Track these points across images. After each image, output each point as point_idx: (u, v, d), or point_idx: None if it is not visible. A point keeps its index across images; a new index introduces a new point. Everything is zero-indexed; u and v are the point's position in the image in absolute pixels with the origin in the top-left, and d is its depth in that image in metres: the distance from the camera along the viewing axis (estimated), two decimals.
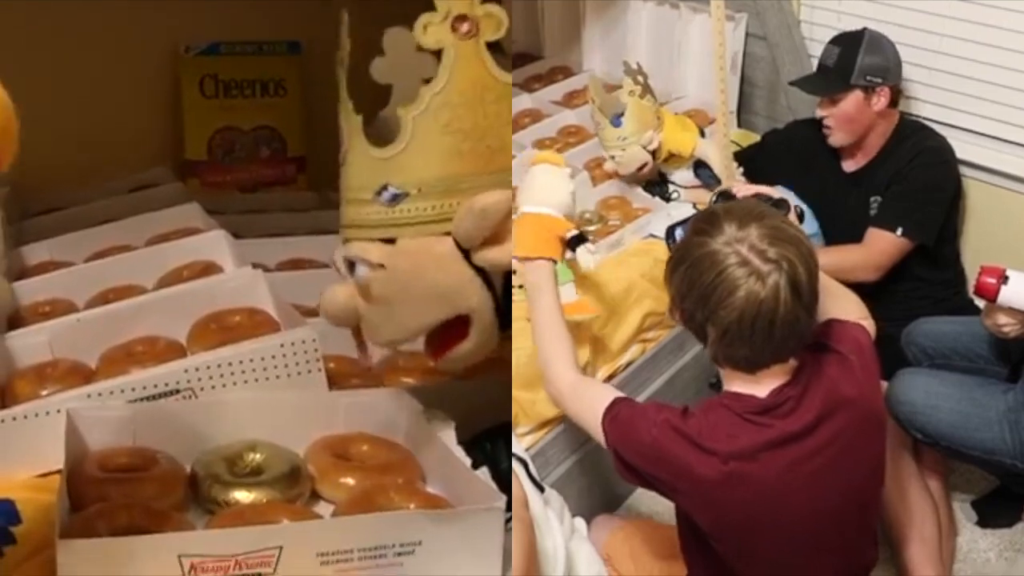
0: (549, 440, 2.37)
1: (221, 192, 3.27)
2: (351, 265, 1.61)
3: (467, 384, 1.94)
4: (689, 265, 1.63)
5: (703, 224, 1.65)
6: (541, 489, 1.91)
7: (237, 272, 2.19)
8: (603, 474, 2.44)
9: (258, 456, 1.73)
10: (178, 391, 1.81)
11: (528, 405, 2.26)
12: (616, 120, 2.70)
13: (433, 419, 1.76)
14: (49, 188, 3.05)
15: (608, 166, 2.80)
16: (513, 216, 1.62)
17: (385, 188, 1.57)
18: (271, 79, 3.36)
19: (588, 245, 2.11)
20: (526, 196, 2.07)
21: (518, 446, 1.92)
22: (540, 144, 3.08)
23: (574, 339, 2.18)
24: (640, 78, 2.68)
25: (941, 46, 2.84)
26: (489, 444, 1.75)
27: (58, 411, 1.73)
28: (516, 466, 1.76)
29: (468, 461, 1.63)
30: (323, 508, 1.69)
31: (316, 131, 3.40)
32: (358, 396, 1.87)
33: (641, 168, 2.75)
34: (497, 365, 1.81)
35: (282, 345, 1.84)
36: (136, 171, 3.11)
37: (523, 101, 3.35)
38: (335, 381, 1.95)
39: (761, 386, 1.68)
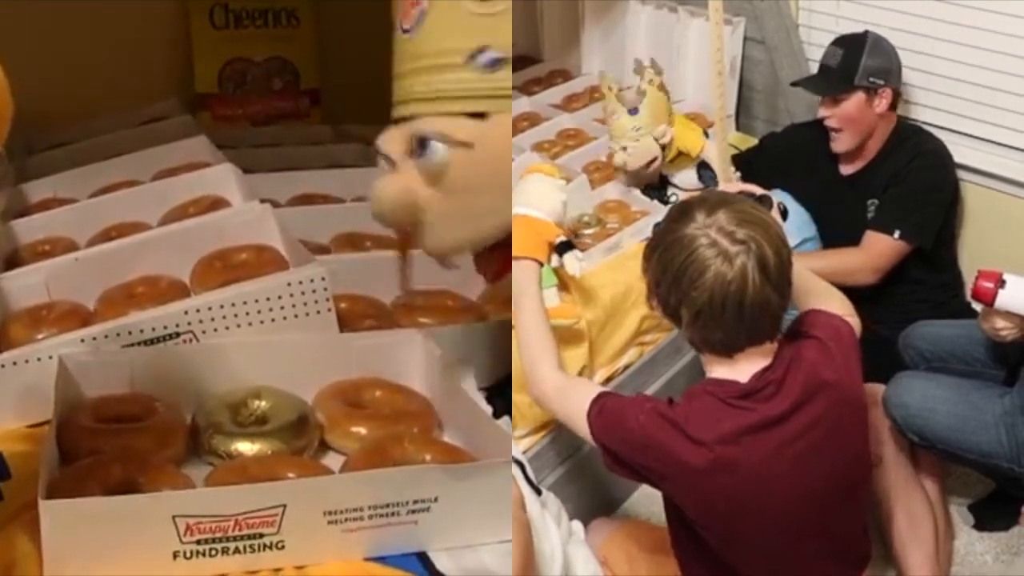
0: (547, 443, 2.33)
1: (232, 125, 3.19)
2: (421, 144, 1.38)
3: (488, 326, 1.85)
4: (662, 250, 1.65)
5: (676, 212, 1.69)
6: (538, 492, 1.87)
7: (245, 207, 2.09)
8: (600, 477, 2.41)
9: (263, 403, 1.64)
10: (179, 334, 1.72)
11: (526, 408, 2.20)
12: (631, 111, 2.65)
13: (451, 363, 1.68)
14: (56, 122, 2.97)
15: (618, 158, 2.71)
16: None
17: (482, 51, 1.35)
18: (283, 8, 3.25)
19: (576, 252, 2.10)
20: (519, 200, 2.05)
21: (515, 448, 1.89)
22: (539, 147, 3.04)
23: (571, 342, 2.24)
24: (658, 71, 2.66)
25: (939, 50, 2.81)
26: (512, 390, 1.64)
27: (50, 357, 1.65)
28: (514, 469, 1.70)
29: (489, 409, 1.53)
30: (332, 460, 1.60)
31: (330, 62, 3.32)
32: (371, 338, 1.77)
33: (650, 164, 2.69)
34: None
35: (289, 284, 1.74)
36: (145, 104, 3.02)
37: (522, 104, 3.30)
38: (347, 322, 1.85)
39: (741, 371, 1.68)
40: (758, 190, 1.91)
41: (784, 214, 1.92)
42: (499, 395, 1.64)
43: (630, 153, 2.67)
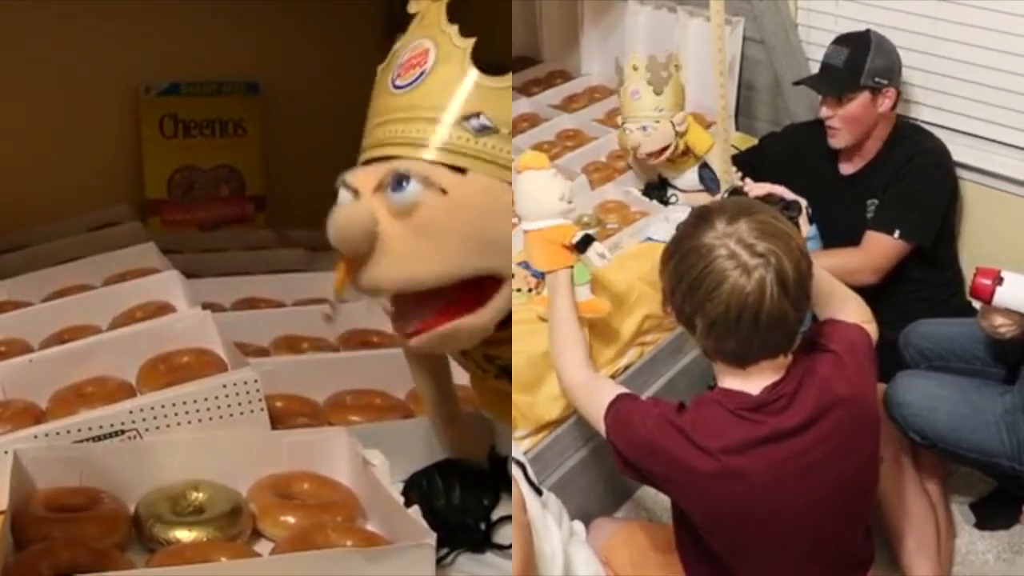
0: (548, 443, 2.36)
1: (180, 230, 3.33)
2: (398, 180, 1.45)
3: (407, 424, 1.99)
4: (680, 258, 1.66)
5: (696, 219, 1.68)
6: (539, 492, 1.92)
7: (187, 313, 2.23)
8: (601, 477, 2.45)
9: (201, 495, 1.76)
10: (124, 431, 1.83)
11: (526, 408, 2.27)
12: (657, 92, 2.67)
13: (373, 458, 1.80)
14: (11, 227, 3.08)
15: (633, 138, 2.70)
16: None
17: (477, 115, 1.48)
18: (230, 119, 3.42)
19: (596, 245, 2.10)
20: (522, 212, 2.08)
21: (516, 449, 1.93)
22: (538, 148, 3.06)
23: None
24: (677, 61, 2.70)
25: (938, 49, 2.84)
26: (426, 482, 1.79)
27: (5, 452, 1.76)
28: (515, 470, 1.77)
29: (401, 500, 1.67)
30: (264, 546, 1.72)
31: (275, 170, 3.48)
32: (300, 436, 1.90)
33: (661, 152, 2.71)
34: (445, 399, 1.85)
35: (224, 386, 1.87)
36: (98, 209, 3.14)
37: (521, 105, 3.35)
38: (282, 419, 1.98)
39: (753, 383, 1.70)
40: (789, 194, 1.94)
41: (811, 219, 1.93)
42: (413, 487, 1.78)
43: (648, 134, 2.66)
